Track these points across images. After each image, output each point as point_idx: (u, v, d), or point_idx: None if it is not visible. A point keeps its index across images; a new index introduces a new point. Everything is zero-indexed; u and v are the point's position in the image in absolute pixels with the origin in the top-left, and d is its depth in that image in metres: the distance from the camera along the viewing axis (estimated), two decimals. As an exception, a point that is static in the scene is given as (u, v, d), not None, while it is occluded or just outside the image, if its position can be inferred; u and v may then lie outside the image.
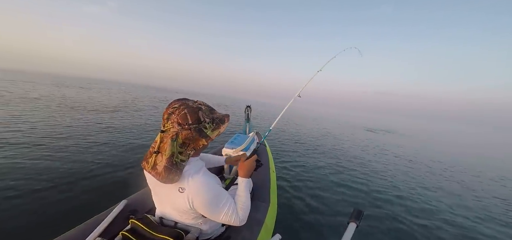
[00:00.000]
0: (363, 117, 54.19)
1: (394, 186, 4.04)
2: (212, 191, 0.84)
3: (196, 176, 0.83)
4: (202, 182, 0.83)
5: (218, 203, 0.85)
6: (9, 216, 1.82)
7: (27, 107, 6.26)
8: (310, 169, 4.31)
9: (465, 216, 3.12)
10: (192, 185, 0.81)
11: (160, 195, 0.95)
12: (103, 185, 2.51)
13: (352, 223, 0.86)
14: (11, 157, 2.81)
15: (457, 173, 5.87)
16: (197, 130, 0.82)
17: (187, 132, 0.81)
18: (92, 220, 1.13)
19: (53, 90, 12.40)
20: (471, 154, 10.68)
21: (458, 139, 20.54)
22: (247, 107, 3.95)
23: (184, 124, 0.80)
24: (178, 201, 0.85)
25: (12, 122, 4.44)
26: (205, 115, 0.85)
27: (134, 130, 5.41)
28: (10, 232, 1.66)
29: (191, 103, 0.86)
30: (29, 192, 2.14)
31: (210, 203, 0.83)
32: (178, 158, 0.80)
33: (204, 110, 0.86)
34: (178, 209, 0.90)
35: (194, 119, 0.81)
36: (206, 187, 0.83)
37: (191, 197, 0.82)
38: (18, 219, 1.80)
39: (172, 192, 0.85)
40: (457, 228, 2.73)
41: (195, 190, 0.81)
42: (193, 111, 0.82)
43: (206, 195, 0.82)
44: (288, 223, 2.28)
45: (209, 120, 0.86)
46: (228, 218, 0.88)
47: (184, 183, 0.82)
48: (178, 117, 0.80)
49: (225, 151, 2.32)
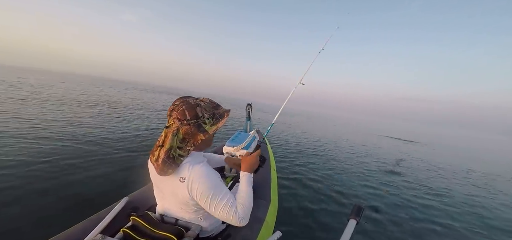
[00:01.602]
0: (377, 121, 52.51)
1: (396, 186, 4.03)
2: (211, 180, 0.86)
3: (196, 166, 0.87)
4: (202, 171, 0.86)
5: (217, 193, 0.85)
6: (10, 212, 1.83)
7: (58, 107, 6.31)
8: (312, 168, 4.31)
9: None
10: (192, 174, 0.84)
11: (161, 188, 0.96)
12: (104, 182, 2.53)
13: (352, 220, 0.85)
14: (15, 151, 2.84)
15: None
16: (195, 125, 0.86)
17: (187, 127, 0.85)
18: (93, 217, 1.13)
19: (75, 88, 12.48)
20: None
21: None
22: (248, 105, 3.93)
23: (183, 119, 0.85)
24: (179, 191, 0.87)
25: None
26: (204, 111, 0.89)
27: (134, 128, 5.43)
28: (12, 229, 1.68)
29: (192, 100, 0.90)
30: (30, 188, 2.16)
31: (208, 191, 0.84)
32: (176, 152, 0.85)
33: (204, 106, 0.90)
34: (179, 201, 0.90)
35: (192, 115, 0.86)
36: (206, 176, 0.85)
37: (190, 185, 0.84)
38: (20, 215, 1.82)
39: (173, 182, 0.87)
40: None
41: (194, 178, 0.84)
42: (191, 108, 0.86)
43: (205, 184, 0.84)
44: (289, 220, 2.29)
45: (209, 115, 0.90)
46: (226, 213, 0.85)
47: (185, 173, 0.85)
48: (177, 113, 0.85)
49: (226, 149, 2.32)
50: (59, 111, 6.08)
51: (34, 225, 1.75)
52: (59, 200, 2.09)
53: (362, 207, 0.87)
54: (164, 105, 12.54)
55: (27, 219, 1.79)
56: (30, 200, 2.01)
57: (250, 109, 3.89)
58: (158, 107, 11.28)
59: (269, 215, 1.46)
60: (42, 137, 3.69)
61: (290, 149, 5.80)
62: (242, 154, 2.25)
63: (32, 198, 2.05)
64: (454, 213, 3.21)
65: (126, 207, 1.21)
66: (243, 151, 2.28)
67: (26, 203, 1.97)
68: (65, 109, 6.60)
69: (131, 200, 1.28)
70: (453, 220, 2.95)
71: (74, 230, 1.02)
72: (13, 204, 1.93)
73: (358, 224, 0.84)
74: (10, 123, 4.22)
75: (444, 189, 4.27)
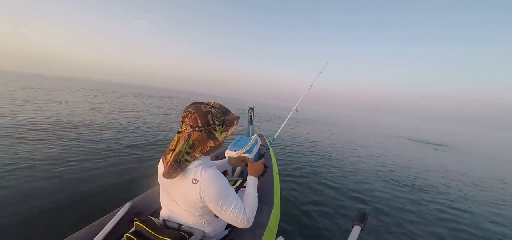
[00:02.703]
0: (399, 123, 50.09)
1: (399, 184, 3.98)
2: (222, 184, 0.89)
3: (209, 170, 0.90)
4: (214, 175, 0.89)
5: (227, 197, 0.88)
6: (14, 218, 1.84)
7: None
8: (317, 171, 4.28)
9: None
10: (205, 177, 0.87)
11: (171, 191, 0.96)
12: (108, 188, 2.54)
13: (357, 226, 0.84)
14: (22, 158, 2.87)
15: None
16: (206, 132, 0.90)
17: (198, 134, 0.89)
18: (97, 222, 1.14)
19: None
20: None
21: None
22: (250, 109, 3.94)
23: (195, 126, 0.89)
24: (190, 193, 0.88)
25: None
26: (215, 118, 0.92)
27: (137, 133, 5.46)
28: (17, 234, 1.69)
29: (203, 106, 0.93)
30: (35, 193, 2.18)
31: (220, 195, 0.87)
32: (184, 156, 0.88)
33: (215, 113, 0.93)
34: (187, 203, 0.91)
35: (204, 122, 0.89)
36: (218, 180, 0.88)
37: (202, 187, 0.86)
38: (25, 220, 1.83)
39: (186, 184, 0.89)
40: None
41: (207, 181, 0.86)
42: (203, 115, 0.90)
43: (217, 186, 0.87)
44: (291, 226, 2.27)
45: (219, 122, 0.93)
46: (235, 215, 0.88)
47: (198, 175, 0.88)
48: (190, 120, 0.89)
49: (228, 153, 2.33)
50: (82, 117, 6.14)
51: (38, 231, 1.75)
52: (62, 206, 2.10)
53: (367, 213, 0.87)
54: (170, 110, 12.60)
55: (31, 225, 1.80)
56: (34, 207, 2.02)
57: (252, 113, 3.90)
58: (165, 111, 11.34)
59: (272, 220, 1.45)
60: (47, 137, 3.73)
61: (294, 152, 5.77)
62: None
63: (37, 204, 2.06)
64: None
65: (129, 213, 1.22)
66: (245, 155, 2.28)
67: (31, 209, 1.98)
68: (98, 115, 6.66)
69: (134, 205, 1.28)
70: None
71: (78, 236, 1.03)
72: (16, 210, 1.94)
73: (362, 231, 0.83)
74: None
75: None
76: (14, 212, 1.90)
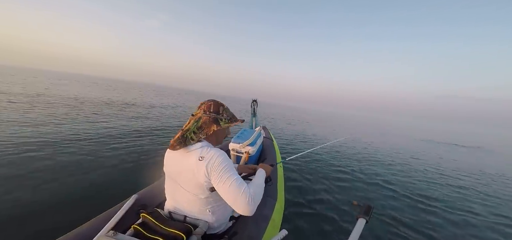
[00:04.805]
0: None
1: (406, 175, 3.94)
2: (228, 160, 0.95)
3: (214, 148, 0.98)
4: (220, 152, 0.96)
5: (231, 169, 0.92)
6: (24, 210, 1.89)
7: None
8: (321, 164, 4.28)
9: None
10: (211, 152, 0.94)
11: (176, 176, 0.99)
12: (114, 179, 2.60)
13: (361, 219, 0.84)
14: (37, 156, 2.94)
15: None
16: (213, 118, 1.03)
17: (206, 118, 1.02)
18: (104, 214, 1.16)
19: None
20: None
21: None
22: (253, 101, 3.90)
23: (207, 111, 1.04)
24: (197, 170, 0.91)
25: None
26: (225, 111, 1.08)
27: (142, 128, 5.52)
28: (22, 227, 1.74)
29: (219, 101, 1.09)
30: (44, 186, 2.24)
31: (224, 165, 0.91)
32: (190, 134, 0.98)
33: (226, 109, 1.10)
34: (193, 184, 0.93)
35: (215, 110, 1.05)
36: (224, 156, 0.95)
37: (209, 160, 0.91)
38: (35, 213, 1.88)
39: (192, 163, 0.93)
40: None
41: (213, 155, 0.93)
42: (216, 105, 1.06)
43: (222, 158, 0.93)
44: (295, 219, 2.28)
45: (227, 116, 1.08)
46: (237, 188, 0.87)
47: (204, 153, 0.94)
48: (205, 105, 1.05)
49: (232, 145, 2.33)
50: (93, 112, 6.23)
51: (47, 223, 1.80)
52: (69, 197, 2.15)
53: (372, 207, 0.86)
54: (177, 105, 12.66)
55: (41, 216, 1.85)
56: (45, 199, 2.08)
57: (256, 105, 3.86)
58: (168, 108, 11.41)
59: (276, 213, 1.46)
60: (51, 133, 3.81)
61: (298, 145, 5.77)
62: (247, 151, 2.26)
63: (46, 196, 2.12)
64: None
65: (136, 204, 1.24)
66: (249, 148, 2.28)
67: (41, 201, 2.04)
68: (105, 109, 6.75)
69: (140, 198, 1.31)
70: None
71: (86, 227, 1.05)
72: (26, 202, 2.00)
73: (367, 224, 0.83)
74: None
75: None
76: (23, 204, 1.95)
